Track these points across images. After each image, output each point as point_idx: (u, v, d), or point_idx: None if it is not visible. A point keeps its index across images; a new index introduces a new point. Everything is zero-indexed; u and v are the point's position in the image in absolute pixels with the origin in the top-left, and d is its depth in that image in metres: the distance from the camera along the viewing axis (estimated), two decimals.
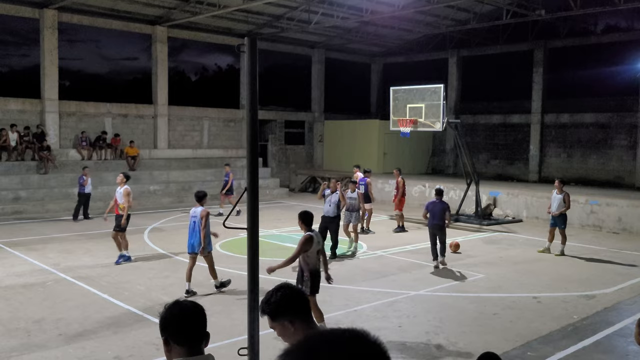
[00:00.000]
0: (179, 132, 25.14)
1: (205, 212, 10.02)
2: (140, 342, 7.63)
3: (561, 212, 13.73)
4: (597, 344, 7.86)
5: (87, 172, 17.97)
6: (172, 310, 2.64)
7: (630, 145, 23.26)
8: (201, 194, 10.29)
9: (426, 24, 24.99)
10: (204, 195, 10.28)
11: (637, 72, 22.98)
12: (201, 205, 10.09)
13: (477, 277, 11.41)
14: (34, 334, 7.87)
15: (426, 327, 8.35)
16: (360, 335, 1.35)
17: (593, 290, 10.63)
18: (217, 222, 16.63)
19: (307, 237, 7.83)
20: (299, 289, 2.92)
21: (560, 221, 13.75)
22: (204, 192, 10.41)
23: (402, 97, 19.16)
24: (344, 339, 1.33)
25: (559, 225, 13.76)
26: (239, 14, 23.22)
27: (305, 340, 1.34)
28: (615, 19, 23.83)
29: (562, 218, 13.77)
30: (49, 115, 21.30)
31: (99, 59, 24.18)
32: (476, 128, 28.00)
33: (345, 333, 1.35)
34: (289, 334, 2.79)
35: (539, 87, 25.67)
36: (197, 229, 9.98)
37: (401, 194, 17.32)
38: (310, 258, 7.84)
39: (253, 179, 4.62)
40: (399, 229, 17.11)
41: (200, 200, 10.17)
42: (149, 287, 10.36)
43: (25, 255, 12.65)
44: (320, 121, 30.14)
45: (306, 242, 7.80)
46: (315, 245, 7.84)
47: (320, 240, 8.03)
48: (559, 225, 13.75)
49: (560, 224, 13.74)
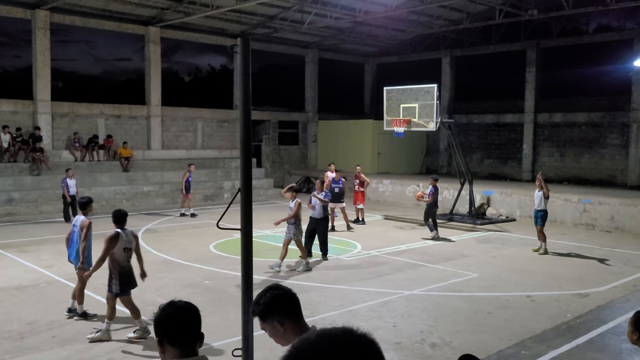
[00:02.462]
0: (172, 132, 25.09)
1: (87, 222, 8.64)
2: (134, 343, 7.61)
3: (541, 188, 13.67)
4: (591, 342, 7.90)
5: (72, 174, 17.49)
6: (167, 311, 2.63)
7: (623, 144, 23.38)
8: (84, 201, 9.00)
9: (419, 24, 25.04)
10: (87, 203, 8.95)
11: (629, 72, 23.10)
12: (84, 215, 8.76)
13: (471, 277, 11.44)
14: (27, 336, 7.83)
15: (421, 327, 8.37)
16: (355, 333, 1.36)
17: (586, 288, 10.68)
18: (211, 223, 16.61)
19: (111, 236, 7.80)
20: (289, 289, 2.91)
21: (539, 218, 13.73)
22: (88, 199, 9.09)
23: (396, 97, 19.20)
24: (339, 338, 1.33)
25: (538, 223, 13.77)
26: (232, 15, 23.19)
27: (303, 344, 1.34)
28: (607, 18, 23.95)
29: (541, 215, 13.75)
30: (42, 116, 21.21)
31: (91, 60, 24.13)
32: (469, 128, 28.08)
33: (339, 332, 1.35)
34: (279, 335, 2.79)
35: (531, 87, 25.77)
36: (77, 240, 8.68)
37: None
38: (117, 256, 7.81)
39: (247, 179, 4.62)
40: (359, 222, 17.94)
41: (83, 208, 8.83)
42: (143, 288, 10.30)
43: (18, 257, 12.59)
44: (314, 121, 30.15)
45: (110, 241, 7.76)
46: (121, 243, 7.81)
47: (131, 239, 7.96)
48: (538, 222, 13.75)
49: (540, 221, 13.73)
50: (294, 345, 1.37)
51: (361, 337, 1.35)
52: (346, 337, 1.34)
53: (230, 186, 24.16)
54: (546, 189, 13.79)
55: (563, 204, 18.60)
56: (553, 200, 18.72)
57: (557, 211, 18.62)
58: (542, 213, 13.76)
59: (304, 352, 1.32)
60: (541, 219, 13.76)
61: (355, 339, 1.34)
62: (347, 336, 1.34)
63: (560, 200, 18.64)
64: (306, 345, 1.33)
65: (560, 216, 18.58)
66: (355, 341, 1.33)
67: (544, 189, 13.74)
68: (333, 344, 1.32)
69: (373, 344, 1.34)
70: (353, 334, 1.35)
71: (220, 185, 24.13)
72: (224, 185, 24.26)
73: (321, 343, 1.32)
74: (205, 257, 12.91)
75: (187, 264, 12.23)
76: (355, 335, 1.35)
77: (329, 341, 1.33)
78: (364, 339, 1.34)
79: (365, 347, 1.33)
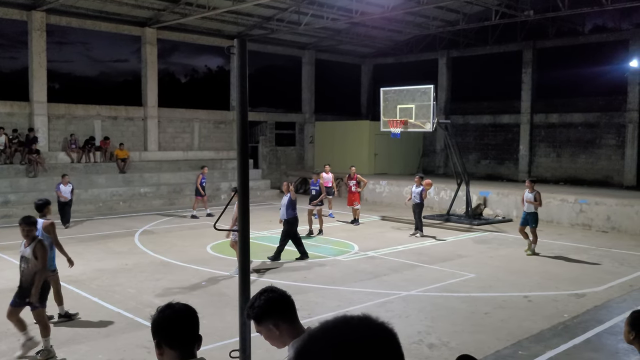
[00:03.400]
0: (169, 134, 25.07)
1: (49, 223, 8.27)
2: (131, 345, 7.59)
3: (533, 203, 13.70)
4: (588, 342, 7.92)
5: (67, 180, 17.00)
6: (165, 314, 2.62)
7: (619, 144, 23.45)
8: (41, 203, 8.54)
9: (416, 25, 25.07)
10: (44, 205, 8.48)
11: (624, 72, 23.18)
12: (43, 217, 8.33)
13: (468, 277, 11.45)
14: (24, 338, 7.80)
15: (418, 327, 8.38)
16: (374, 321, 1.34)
17: (583, 288, 10.70)
18: (208, 224, 16.68)
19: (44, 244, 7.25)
20: (284, 291, 2.90)
21: (532, 220, 13.75)
22: (45, 201, 8.60)
23: (393, 98, 19.22)
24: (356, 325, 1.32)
25: (530, 224, 13.75)
26: (228, 16, 23.18)
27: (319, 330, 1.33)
28: (603, 19, 24.02)
29: (533, 217, 13.76)
30: (38, 117, 21.17)
31: (88, 61, 24.08)
32: (466, 128, 28.13)
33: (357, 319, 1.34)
34: (274, 337, 2.78)
35: (528, 87, 25.82)
36: None
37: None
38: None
39: (244, 180, 4.62)
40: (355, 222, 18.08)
41: (40, 211, 8.42)
42: (140, 290, 10.31)
43: (14, 259, 12.51)
44: (310, 122, 30.16)
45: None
46: None
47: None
48: (531, 224, 13.75)
49: (532, 222, 13.74)
50: (310, 331, 1.37)
51: (379, 325, 1.34)
52: (363, 325, 1.33)
53: (227, 187, 24.14)
54: (539, 202, 13.76)
55: (559, 205, 18.64)
56: (549, 200, 18.80)
57: (553, 211, 18.67)
58: (533, 215, 13.79)
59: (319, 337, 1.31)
60: (534, 221, 13.78)
61: (373, 327, 1.33)
62: (365, 323, 1.33)
63: (557, 201, 18.68)
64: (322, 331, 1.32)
65: (557, 216, 18.62)
66: (373, 328, 1.32)
67: (537, 200, 13.73)
68: (350, 329, 1.31)
69: (390, 333, 1.33)
70: (371, 322, 1.34)
71: (217, 186, 24.11)
72: (221, 186, 24.25)
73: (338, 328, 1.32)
74: (202, 258, 12.90)
75: (184, 266, 12.22)
76: (373, 324, 1.34)
77: (345, 327, 1.32)
78: (381, 327, 1.34)
79: (383, 335, 1.32)
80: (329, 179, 18.94)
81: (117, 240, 14.89)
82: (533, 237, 13.74)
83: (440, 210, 20.86)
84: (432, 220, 18.83)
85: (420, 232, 16.14)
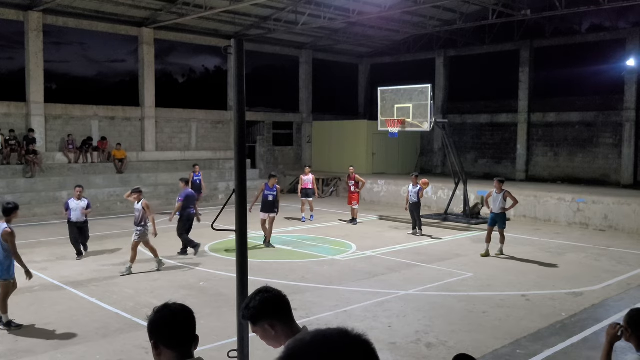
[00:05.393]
0: (166, 134, 25.04)
1: (9, 232, 7.88)
2: (129, 345, 7.58)
3: (511, 207, 13.75)
4: (585, 341, 7.93)
5: (79, 192, 12.95)
6: (162, 314, 2.62)
7: (616, 143, 23.48)
8: (10, 207, 8.15)
9: (413, 25, 25.08)
10: (12, 209, 8.11)
11: (621, 71, 23.22)
12: (8, 222, 7.99)
13: (466, 276, 11.47)
14: (22, 340, 7.80)
15: (416, 327, 8.38)
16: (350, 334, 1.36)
17: (580, 287, 10.72)
18: (206, 225, 16.52)
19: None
20: (279, 291, 2.89)
21: (500, 221, 13.67)
22: (14, 205, 8.21)
23: (390, 97, 19.22)
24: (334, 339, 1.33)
25: (499, 225, 13.66)
26: (225, 16, 23.16)
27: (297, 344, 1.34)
28: (600, 18, 24.04)
29: (502, 218, 13.69)
30: (35, 118, 21.12)
31: (85, 62, 24.02)
32: (464, 128, 28.15)
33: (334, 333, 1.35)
34: (270, 337, 2.78)
35: (525, 87, 25.85)
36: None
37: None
38: None
39: (241, 180, 4.61)
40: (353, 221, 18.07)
41: (7, 214, 8.06)
42: (138, 290, 10.30)
43: None
44: (308, 122, 30.16)
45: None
46: None
47: None
48: (500, 225, 13.66)
49: (501, 224, 13.67)
50: (289, 346, 1.37)
51: (356, 337, 1.35)
52: (341, 338, 1.34)
53: (225, 187, 24.13)
54: (514, 200, 13.70)
55: (557, 203, 18.66)
56: (547, 199, 18.84)
57: (551, 210, 18.70)
58: (501, 215, 13.71)
59: (298, 353, 1.32)
60: (502, 222, 13.69)
61: (350, 339, 1.34)
62: (342, 337, 1.34)
63: (554, 200, 18.71)
64: (300, 346, 1.33)
65: (554, 215, 18.65)
66: (350, 342, 1.33)
67: (509, 197, 13.65)
68: (328, 344, 1.32)
69: (368, 345, 1.34)
70: (348, 334, 1.35)
71: (215, 186, 24.08)
72: (219, 186, 24.23)
73: (316, 343, 1.32)
74: (200, 258, 12.90)
75: (182, 266, 12.22)
76: (350, 336, 1.35)
77: (323, 342, 1.33)
78: (358, 339, 1.35)
79: (360, 347, 1.33)
80: (309, 181, 18.88)
81: (114, 240, 14.88)
82: (501, 237, 13.63)
83: (438, 210, 20.88)
84: (430, 219, 18.84)
85: (419, 231, 16.16)
